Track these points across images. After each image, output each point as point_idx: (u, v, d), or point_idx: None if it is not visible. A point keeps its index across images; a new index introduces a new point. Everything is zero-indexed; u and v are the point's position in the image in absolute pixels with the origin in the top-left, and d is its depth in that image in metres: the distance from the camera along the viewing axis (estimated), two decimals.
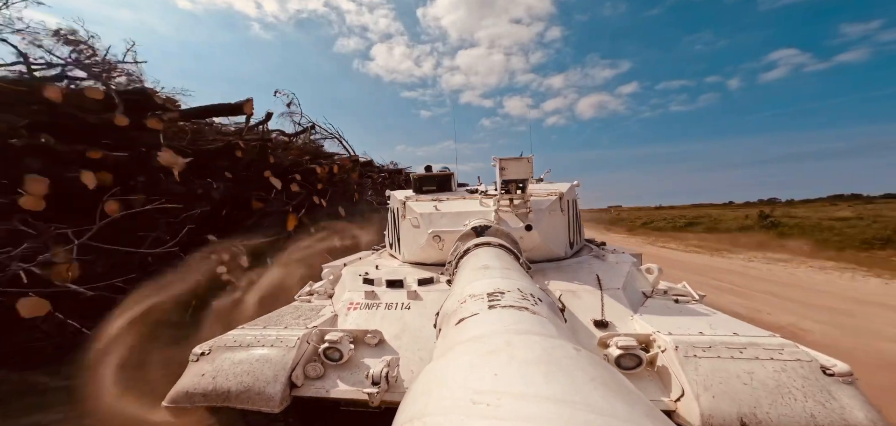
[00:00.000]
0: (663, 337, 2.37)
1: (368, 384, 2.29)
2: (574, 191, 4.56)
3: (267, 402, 2.29)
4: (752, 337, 2.37)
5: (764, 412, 1.86)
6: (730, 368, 2.09)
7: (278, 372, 2.40)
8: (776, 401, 1.90)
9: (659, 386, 2.24)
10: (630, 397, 0.72)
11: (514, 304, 1.38)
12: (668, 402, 2.11)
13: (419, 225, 4.13)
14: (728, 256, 15.16)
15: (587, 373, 0.77)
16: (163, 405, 2.45)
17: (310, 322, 2.96)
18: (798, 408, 1.86)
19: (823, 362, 2.08)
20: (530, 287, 1.77)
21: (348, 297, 3.37)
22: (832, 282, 10.20)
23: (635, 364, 2.30)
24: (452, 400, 0.71)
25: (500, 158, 3.55)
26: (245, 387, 2.36)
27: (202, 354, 2.64)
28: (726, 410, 1.90)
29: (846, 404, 1.86)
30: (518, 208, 3.81)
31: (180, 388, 2.45)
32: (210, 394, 2.37)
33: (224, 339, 2.74)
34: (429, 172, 5.18)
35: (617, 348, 2.31)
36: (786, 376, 2.02)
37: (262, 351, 2.57)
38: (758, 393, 1.95)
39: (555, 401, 0.66)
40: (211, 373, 2.48)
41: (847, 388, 1.95)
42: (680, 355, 2.19)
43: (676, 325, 2.60)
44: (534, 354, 0.85)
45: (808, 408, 1.85)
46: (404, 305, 3.15)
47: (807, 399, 1.89)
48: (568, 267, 3.80)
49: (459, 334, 1.26)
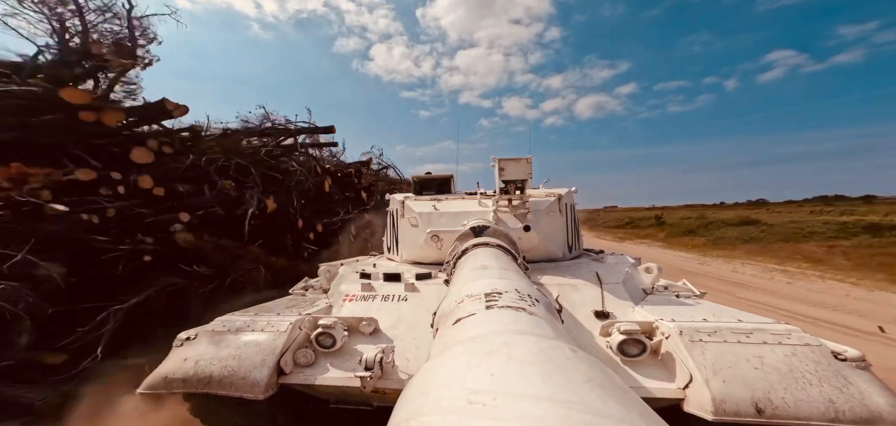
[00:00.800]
0: (666, 323, 2.30)
1: (361, 370, 2.18)
2: (572, 196, 4.58)
3: (251, 388, 2.15)
4: (757, 323, 2.30)
5: (779, 397, 1.78)
6: (738, 352, 2.01)
7: (266, 356, 2.27)
8: (790, 385, 1.82)
9: (665, 373, 2.15)
10: (625, 398, 0.72)
11: (511, 305, 1.38)
12: (676, 390, 2.03)
13: (418, 224, 4.12)
14: (654, 245, 21.15)
15: (583, 373, 0.77)
16: (137, 392, 2.29)
17: (303, 310, 2.89)
18: (814, 393, 1.78)
19: (833, 348, 2.02)
20: (528, 287, 1.76)
21: (345, 289, 3.34)
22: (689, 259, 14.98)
23: (639, 351, 2.24)
24: (450, 400, 0.71)
25: (499, 158, 3.54)
26: (230, 371, 2.22)
27: (187, 339, 2.50)
28: (739, 395, 1.80)
29: (864, 389, 1.79)
30: (517, 209, 3.80)
31: (158, 374, 2.31)
32: (190, 380, 2.23)
33: (211, 325, 2.63)
34: (429, 176, 5.17)
35: (619, 334, 2.25)
36: (797, 360, 1.94)
37: (250, 335, 2.45)
38: (770, 377, 1.86)
39: (552, 402, 0.66)
40: (194, 358, 2.34)
41: (863, 374, 1.89)
42: (685, 340, 2.10)
43: (678, 314, 2.54)
44: (531, 355, 0.85)
45: (825, 393, 1.78)
46: (401, 297, 3.11)
47: (822, 384, 1.82)
48: (566, 266, 3.81)
49: (457, 334, 1.26)
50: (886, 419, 1.68)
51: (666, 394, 2.07)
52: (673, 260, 14.76)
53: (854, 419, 1.69)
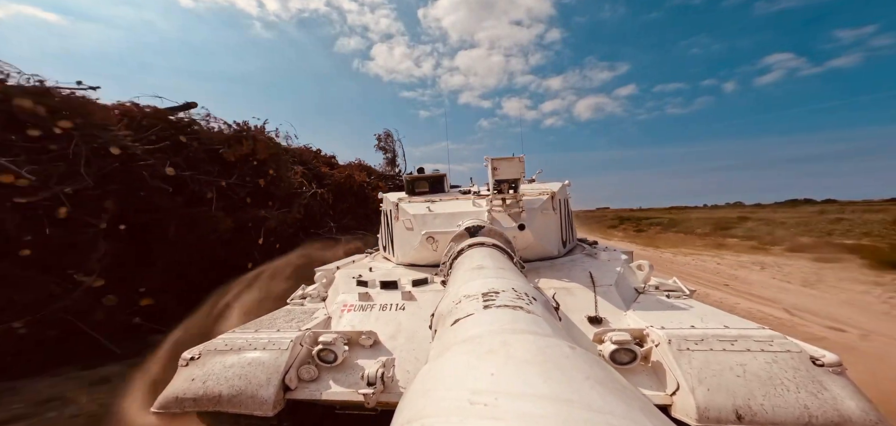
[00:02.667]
0: (656, 331, 2.38)
1: (363, 385, 2.26)
2: (565, 190, 4.59)
3: (260, 406, 2.25)
4: (741, 329, 2.40)
5: (758, 404, 1.89)
6: (722, 361, 2.11)
7: (271, 375, 2.35)
8: (769, 392, 1.92)
9: (654, 380, 2.25)
10: (626, 394, 0.73)
11: (509, 304, 1.38)
12: (664, 397, 2.13)
13: (412, 226, 4.10)
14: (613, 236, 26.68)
15: (583, 371, 0.78)
16: (151, 411, 2.39)
17: (302, 324, 2.91)
18: (791, 398, 1.89)
19: (812, 353, 2.11)
20: (525, 286, 1.77)
21: (342, 299, 3.34)
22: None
23: (630, 359, 2.32)
24: (450, 400, 0.71)
25: (492, 158, 3.55)
26: (237, 390, 2.31)
27: (192, 359, 2.58)
28: (721, 403, 1.92)
29: (838, 394, 1.88)
30: (510, 208, 3.81)
31: (170, 394, 2.40)
32: (201, 399, 2.32)
33: (214, 343, 2.68)
34: (421, 174, 5.16)
35: (611, 343, 2.32)
36: (777, 368, 2.05)
37: (253, 354, 2.52)
38: (751, 385, 1.97)
39: (553, 400, 0.66)
40: (201, 377, 2.42)
41: (838, 379, 1.97)
42: (673, 349, 2.21)
43: (669, 320, 2.62)
44: (530, 353, 0.85)
45: (800, 399, 1.88)
46: (399, 306, 3.13)
47: (799, 390, 1.92)
48: (561, 265, 3.82)
49: (455, 335, 1.26)
50: (856, 422, 1.78)
51: (655, 400, 2.14)
52: (617, 244, 18.44)
53: (826, 423, 1.80)
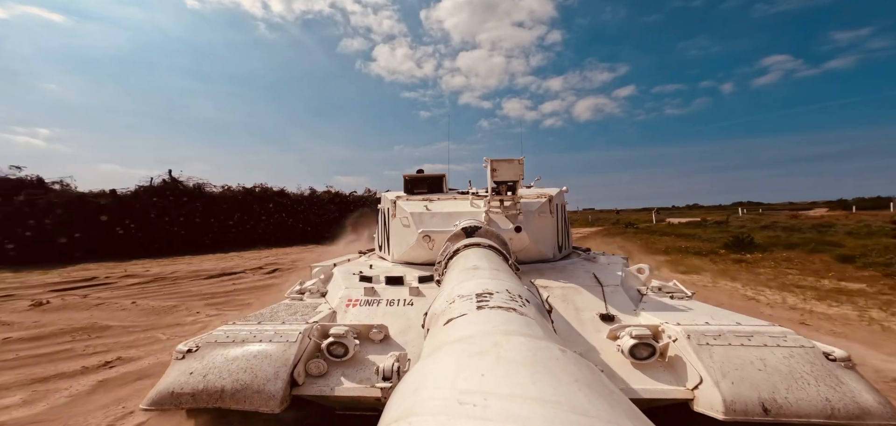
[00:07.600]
0: (672, 327, 2.36)
1: (376, 380, 2.13)
2: (562, 195, 4.60)
3: (267, 402, 2.10)
4: (754, 326, 2.40)
5: (782, 397, 1.90)
6: (743, 355, 2.11)
7: (279, 368, 2.20)
8: (791, 385, 1.94)
9: (673, 376, 2.23)
10: (612, 398, 0.74)
11: (502, 305, 1.38)
12: (685, 391, 2.11)
13: (409, 224, 4.09)
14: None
15: (572, 373, 0.78)
16: (141, 407, 2.19)
17: (308, 317, 2.79)
18: (813, 392, 1.91)
19: (823, 349, 2.13)
20: (519, 288, 1.77)
21: (345, 294, 3.28)
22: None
23: (648, 354, 2.30)
24: (439, 400, 0.71)
25: (492, 159, 3.55)
26: (242, 385, 2.15)
27: (188, 351, 2.40)
28: (747, 396, 1.92)
29: (855, 388, 1.92)
30: (508, 209, 3.81)
31: (163, 388, 2.21)
32: (200, 394, 2.15)
33: (214, 335, 2.52)
34: (420, 174, 5.14)
35: (631, 338, 2.30)
36: (795, 362, 2.06)
37: (259, 346, 2.36)
38: (773, 378, 1.98)
39: (541, 402, 0.67)
40: (201, 371, 2.24)
41: (850, 373, 2.01)
42: (693, 343, 2.20)
43: (679, 318, 2.61)
44: (520, 355, 0.85)
45: (821, 393, 1.90)
46: (407, 302, 3.10)
47: (819, 383, 1.94)
48: (563, 267, 3.82)
49: (448, 334, 1.26)
50: (875, 414, 1.82)
51: (676, 395, 2.15)
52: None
53: (848, 415, 1.83)
